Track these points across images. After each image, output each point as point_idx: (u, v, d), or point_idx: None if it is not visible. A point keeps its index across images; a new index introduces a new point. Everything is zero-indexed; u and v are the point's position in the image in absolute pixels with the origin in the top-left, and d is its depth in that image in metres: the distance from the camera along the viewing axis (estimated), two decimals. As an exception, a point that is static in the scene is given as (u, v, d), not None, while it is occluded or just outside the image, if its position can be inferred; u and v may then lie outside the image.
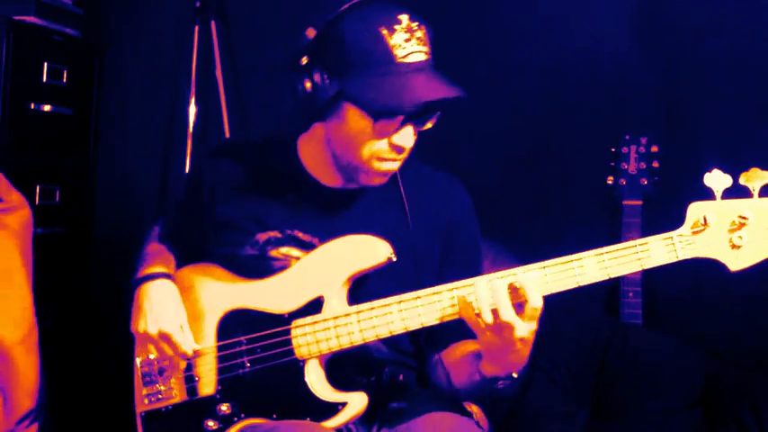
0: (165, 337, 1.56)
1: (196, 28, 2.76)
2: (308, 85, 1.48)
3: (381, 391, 1.59)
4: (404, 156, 1.53)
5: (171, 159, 2.91)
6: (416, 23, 1.45)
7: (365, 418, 1.57)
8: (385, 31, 1.42)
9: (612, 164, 2.32)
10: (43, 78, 2.67)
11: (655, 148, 2.29)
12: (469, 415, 1.65)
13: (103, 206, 2.97)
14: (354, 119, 1.48)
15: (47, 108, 2.69)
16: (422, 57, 1.44)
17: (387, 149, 1.50)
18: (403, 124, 1.47)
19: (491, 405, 1.81)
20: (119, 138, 2.96)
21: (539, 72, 2.52)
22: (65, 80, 2.75)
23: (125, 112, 2.96)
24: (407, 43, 1.43)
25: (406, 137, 1.49)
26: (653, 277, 2.31)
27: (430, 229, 1.63)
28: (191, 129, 2.78)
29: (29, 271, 1.98)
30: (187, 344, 1.57)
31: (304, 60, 1.49)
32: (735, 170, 1.39)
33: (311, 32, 1.50)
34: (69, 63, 2.76)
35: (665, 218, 1.43)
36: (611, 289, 2.29)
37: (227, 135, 2.77)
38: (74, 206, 2.85)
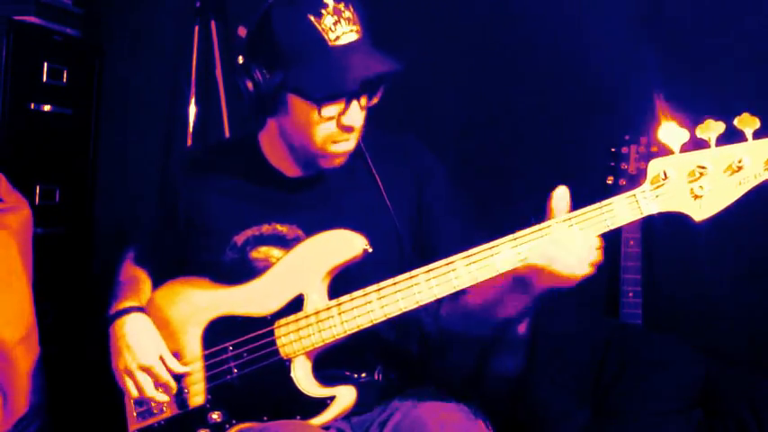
0: (146, 371, 1.55)
1: (196, 28, 2.76)
2: (250, 84, 1.50)
3: (373, 389, 1.60)
4: (356, 134, 1.55)
5: (171, 159, 2.91)
6: (342, 4, 1.47)
7: (361, 420, 1.56)
8: (312, 18, 1.45)
9: (612, 164, 2.32)
10: (43, 78, 2.66)
11: (655, 149, 2.29)
12: (472, 410, 1.63)
13: (103, 206, 2.97)
14: (300, 108, 1.50)
15: (47, 108, 2.69)
16: (353, 36, 1.47)
17: (337, 131, 1.52)
18: (348, 104, 1.49)
19: (491, 405, 1.80)
20: (119, 138, 2.95)
21: (538, 71, 2.52)
22: (65, 80, 2.75)
23: (125, 112, 2.96)
24: (337, 26, 1.45)
25: (354, 115, 1.51)
26: (653, 277, 2.31)
27: (402, 194, 1.64)
28: (191, 129, 2.78)
29: (29, 271, 1.98)
30: (170, 372, 1.56)
31: (240, 60, 1.52)
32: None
33: (242, 31, 1.53)
34: (69, 63, 2.76)
35: (666, 217, 1.43)
36: (610, 289, 2.29)
37: (227, 135, 2.77)
38: (74, 206, 2.85)
